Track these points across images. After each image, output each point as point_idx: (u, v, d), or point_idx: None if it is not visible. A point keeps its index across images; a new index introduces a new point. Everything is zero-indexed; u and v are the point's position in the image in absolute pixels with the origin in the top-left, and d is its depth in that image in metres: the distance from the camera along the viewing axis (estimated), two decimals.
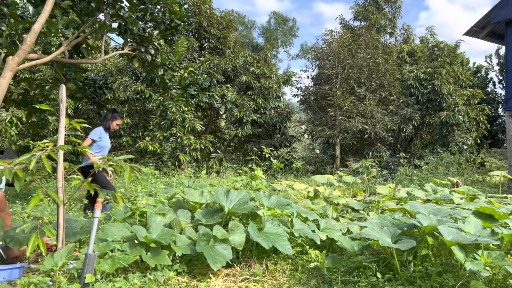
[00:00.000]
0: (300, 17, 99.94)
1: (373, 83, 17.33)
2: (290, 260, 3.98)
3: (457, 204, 5.42)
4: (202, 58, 16.56)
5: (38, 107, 3.51)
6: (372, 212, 5.67)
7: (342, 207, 6.13)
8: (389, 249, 3.61)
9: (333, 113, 16.18)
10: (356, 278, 3.45)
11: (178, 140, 14.67)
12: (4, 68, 4.92)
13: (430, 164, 12.89)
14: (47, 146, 3.22)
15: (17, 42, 5.29)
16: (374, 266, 3.59)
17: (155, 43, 6.51)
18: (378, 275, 3.39)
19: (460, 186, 7.83)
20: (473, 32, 13.28)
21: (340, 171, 11.45)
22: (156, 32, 6.43)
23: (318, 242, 4.11)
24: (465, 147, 15.78)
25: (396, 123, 16.53)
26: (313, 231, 4.29)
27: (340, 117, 15.99)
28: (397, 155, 16.06)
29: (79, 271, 3.05)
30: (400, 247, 3.25)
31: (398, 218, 4.49)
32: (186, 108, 14.39)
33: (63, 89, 3.48)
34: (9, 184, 4.06)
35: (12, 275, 3.24)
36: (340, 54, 16.80)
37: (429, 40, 21.31)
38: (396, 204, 5.80)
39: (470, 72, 22.04)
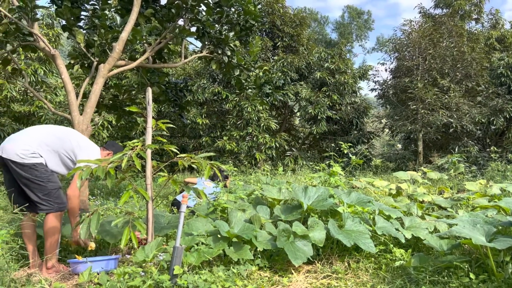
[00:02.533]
0: (375, 9, 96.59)
1: (458, 74, 16.23)
2: (373, 259, 3.86)
3: None
4: (276, 57, 16.67)
5: (127, 109, 3.76)
6: (461, 210, 5.31)
7: (427, 204, 5.82)
8: (483, 248, 3.35)
9: (414, 106, 15.43)
10: (446, 278, 3.25)
11: (254, 139, 14.92)
12: (96, 75, 5.37)
13: None
14: (136, 146, 3.44)
15: (107, 50, 5.73)
16: (466, 266, 3.35)
17: (231, 45, 6.68)
18: (471, 275, 3.17)
19: None
20: None
21: (424, 167, 10.87)
22: (232, 34, 6.60)
23: (403, 241, 3.94)
24: None
25: (485, 116, 15.31)
26: (397, 229, 4.12)
27: (422, 111, 15.18)
28: (487, 150, 14.88)
29: (167, 263, 3.22)
30: (496, 246, 3.00)
31: (492, 215, 4.16)
32: (261, 107, 14.58)
33: (149, 91, 3.69)
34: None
35: (109, 266, 3.51)
36: (421, 44, 15.97)
37: None
38: (489, 201, 5.37)
39: None
